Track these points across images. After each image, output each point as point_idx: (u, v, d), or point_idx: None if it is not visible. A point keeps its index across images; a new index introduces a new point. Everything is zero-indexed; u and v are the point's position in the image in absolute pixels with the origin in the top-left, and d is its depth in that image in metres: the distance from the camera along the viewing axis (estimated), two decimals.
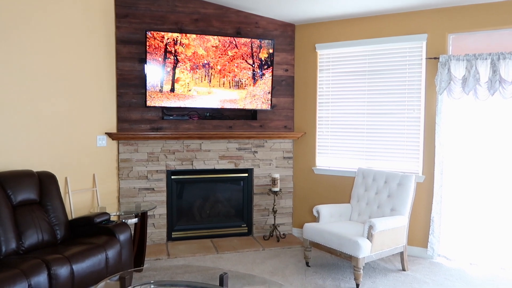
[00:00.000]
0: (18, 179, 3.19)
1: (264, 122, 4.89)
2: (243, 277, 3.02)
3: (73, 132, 3.98)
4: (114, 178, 4.42)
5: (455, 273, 3.77)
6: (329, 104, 4.76)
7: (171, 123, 4.58)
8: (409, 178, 3.86)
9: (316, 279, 3.62)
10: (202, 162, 4.70)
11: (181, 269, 3.52)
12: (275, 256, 4.24)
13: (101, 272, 2.97)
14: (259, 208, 4.92)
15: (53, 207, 3.32)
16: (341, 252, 3.53)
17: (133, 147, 4.46)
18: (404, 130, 4.32)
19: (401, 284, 3.51)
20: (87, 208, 4.09)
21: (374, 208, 4.01)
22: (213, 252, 4.31)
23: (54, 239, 3.20)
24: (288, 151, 4.98)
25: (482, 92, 3.81)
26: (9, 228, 2.93)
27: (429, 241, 4.14)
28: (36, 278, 2.53)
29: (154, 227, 4.58)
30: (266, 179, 4.92)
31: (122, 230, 3.27)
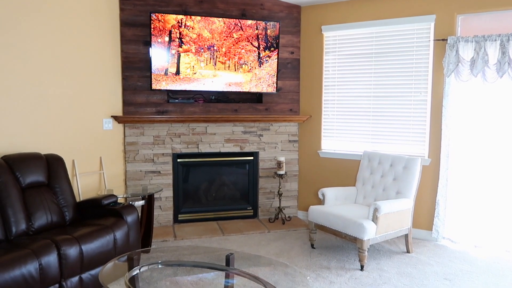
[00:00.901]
0: (26, 161, 3.23)
1: (270, 106, 4.87)
2: (249, 257, 3.06)
3: (79, 115, 4.00)
4: (121, 161, 4.45)
5: (459, 255, 3.79)
6: (335, 87, 4.73)
7: (177, 107, 4.58)
8: (415, 161, 3.85)
9: (321, 261, 3.66)
10: (207, 146, 4.72)
11: (188, 250, 3.57)
12: (281, 238, 4.28)
13: (109, 252, 3.02)
14: (264, 191, 4.95)
15: (61, 189, 3.36)
16: (346, 234, 3.56)
17: (139, 130, 4.47)
18: (411, 113, 4.29)
19: (406, 266, 3.54)
20: (94, 191, 4.14)
21: (379, 191, 4.02)
22: (219, 234, 4.36)
23: (62, 220, 3.26)
24: (294, 134, 4.97)
25: (491, 74, 3.76)
26: (18, 210, 2.98)
27: (434, 224, 4.16)
28: (46, 258, 2.58)
29: (160, 209, 4.63)
30: (272, 162, 4.93)
31: (129, 212, 3.31)
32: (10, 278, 2.35)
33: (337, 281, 3.23)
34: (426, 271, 3.43)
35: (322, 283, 3.19)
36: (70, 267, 2.72)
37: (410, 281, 3.23)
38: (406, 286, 3.15)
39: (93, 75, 4.10)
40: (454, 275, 3.36)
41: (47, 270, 2.57)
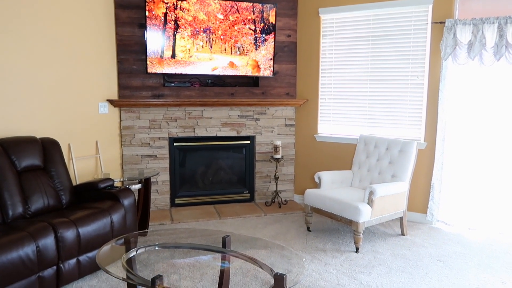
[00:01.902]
0: (22, 145, 3.21)
1: (266, 89, 4.85)
2: (245, 240, 3.09)
3: (74, 98, 3.97)
4: (117, 145, 4.44)
5: (453, 237, 3.84)
6: (332, 71, 4.70)
7: (173, 90, 4.55)
8: (410, 145, 3.87)
9: (317, 243, 3.70)
10: (204, 130, 4.71)
11: (185, 233, 3.60)
12: (277, 222, 4.31)
13: (106, 235, 3.03)
14: (261, 175, 4.97)
15: (57, 172, 3.36)
16: (342, 217, 3.59)
17: (135, 114, 4.45)
18: (407, 96, 4.29)
19: (400, 248, 3.59)
20: (91, 175, 4.14)
21: (375, 175, 4.04)
22: (215, 218, 4.39)
23: (59, 203, 3.26)
24: (290, 118, 4.96)
25: (488, 57, 3.75)
26: (15, 193, 2.98)
27: (428, 207, 4.19)
28: (43, 240, 2.59)
29: (157, 193, 4.65)
30: (268, 146, 4.94)
31: (126, 195, 3.32)
32: (7, 260, 2.37)
33: (332, 263, 3.27)
34: (420, 253, 3.47)
35: (318, 265, 3.23)
36: (67, 249, 2.74)
37: (404, 263, 3.28)
38: (400, 267, 3.20)
39: (87, 58, 4.06)
40: (448, 256, 3.41)
41: (44, 252, 2.58)
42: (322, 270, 3.14)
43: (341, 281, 2.97)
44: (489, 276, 3.05)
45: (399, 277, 3.02)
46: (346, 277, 3.03)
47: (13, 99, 3.46)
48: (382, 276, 3.05)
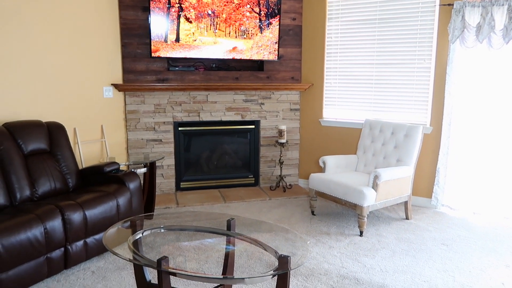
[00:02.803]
0: (28, 129, 3.23)
1: (271, 73, 4.82)
2: (250, 223, 3.11)
3: (79, 83, 3.97)
4: (122, 130, 4.46)
5: (457, 221, 3.85)
6: (338, 55, 4.65)
7: (177, 74, 4.53)
8: (416, 129, 3.84)
9: (321, 227, 3.72)
10: (208, 114, 4.70)
11: (190, 216, 3.62)
12: (281, 206, 4.34)
13: (112, 218, 3.07)
14: (265, 160, 4.98)
15: (63, 156, 3.38)
16: (346, 201, 3.60)
17: (140, 98, 4.45)
18: (414, 80, 4.24)
19: (404, 232, 3.60)
20: (96, 159, 4.17)
21: (380, 159, 4.03)
22: (220, 202, 4.42)
23: (66, 187, 3.29)
24: (295, 102, 4.94)
25: (497, 40, 3.69)
26: (22, 176, 3.01)
27: (433, 192, 4.19)
28: (51, 222, 2.63)
29: (163, 177, 4.68)
30: (273, 131, 4.93)
31: (131, 178, 3.35)
32: (16, 241, 2.41)
33: (336, 246, 3.30)
34: (424, 237, 3.49)
35: (322, 248, 3.26)
36: (74, 231, 2.78)
37: (408, 246, 3.30)
38: (404, 250, 3.22)
39: (91, 42, 4.04)
40: (452, 240, 3.42)
41: (52, 234, 2.62)
42: (326, 253, 3.16)
43: (345, 264, 2.99)
44: (493, 259, 3.06)
45: (402, 260, 3.04)
46: (350, 260, 3.05)
47: (18, 84, 3.46)
48: (386, 259, 3.07)
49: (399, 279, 2.76)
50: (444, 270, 2.89)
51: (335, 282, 2.72)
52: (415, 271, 2.88)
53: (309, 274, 2.84)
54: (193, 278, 2.02)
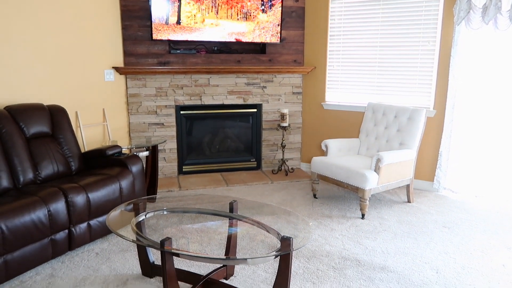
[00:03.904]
0: (29, 112, 3.22)
1: (273, 56, 4.77)
2: (252, 206, 3.12)
3: (80, 66, 3.94)
4: (124, 113, 4.45)
5: (459, 204, 3.86)
6: (341, 37, 4.59)
7: (179, 57, 4.49)
8: (419, 112, 3.82)
9: (323, 210, 3.74)
10: (210, 97, 4.68)
11: (193, 199, 3.64)
12: (283, 189, 4.35)
13: (115, 201, 3.09)
14: (268, 143, 4.97)
15: (65, 139, 3.38)
16: (348, 184, 3.60)
17: (141, 81, 4.43)
18: (418, 63, 4.19)
19: (406, 215, 3.62)
20: (98, 142, 4.17)
21: (382, 143, 4.02)
22: (223, 185, 4.44)
23: (69, 170, 3.30)
24: (298, 86, 4.91)
25: (503, 21, 3.63)
26: (25, 159, 3.02)
27: (435, 175, 4.19)
28: (54, 205, 2.64)
29: (165, 161, 4.69)
30: (275, 115, 4.91)
31: (134, 162, 3.35)
32: (20, 223, 2.42)
33: (338, 229, 3.32)
34: (425, 220, 3.50)
35: (324, 230, 3.28)
36: (78, 214, 2.79)
37: (410, 229, 3.31)
38: (406, 233, 3.23)
39: (92, 24, 3.99)
40: (453, 223, 3.43)
41: (55, 216, 2.64)
42: (328, 236, 3.18)
43: (346, 246, 3.01)
44: (494, 241, 3.08)
45: (404, 242, 3.06)
46: (352, 242, 3.07)
47: (19, 67, 3.44)
48: (387, 241, 3.09)
49: (400, 261, 2.78)
50: (445, 252, 2.90)
51: (337, 263, 2.75)
52: (416, 253, 2.90)
53: (311, 255, 2.86)
54: (196, 259, 2.04)
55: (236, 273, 2.62)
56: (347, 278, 2.56)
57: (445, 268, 2.68)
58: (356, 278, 2.56)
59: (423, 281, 2.52)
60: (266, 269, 2.68)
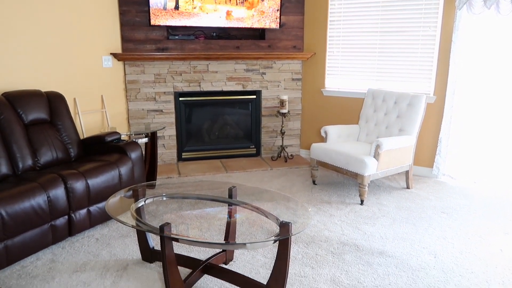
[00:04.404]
0: (27, 98, 3.20)
1: (273, 42, 4.73)
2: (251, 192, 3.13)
3: (77, 52, 3.91)
4: (123, 100, 4.42)
5: (458, 190, 3.87)
6: (341, 23, 4.54)
7: (177, 43, 4.45)
8: (419, 98, 3.80)
9: (322, 196, 3.75)
10: (209, 84, 4.65)
11: (192, 186, 3.65)
12: (283, 175, 4.36)
13: (115, 187, 3.09)
14: (267, 130, 4.96)
15: (64, 126, 3.37)
16: (347, 170, 3.61)
17: (140, 68, 4.39)
18: (418, 49, 4.16)
19: (405, 200, 3.63)
20: (97, 129, 4.16)
21: (382, 129, 4.01)
22: (222, 172, 4.44)
23: (68, 156, 3.30)
24: (297, 72, 4.87)
25: (505, 5, 3.58)
26: (23, 146, 3.01)
27: (435, 161, 4.19)
28: (54, 191, 2.64)
29: (164, 147, 4.68)
30: (275, 101, 4.89)
31: (133, 148, 3.35)
32: (20, 209, 2.43)
33: (337, 214, 3.33)
34: (424, 205, 3.51)
35: (323, 216, 3.29)
36: (77, 200, 2.80)
37: (408, 214, 3.33)
38: (404, 218, 3.25)
39: (89, 10, 3.95)
40: (452, 208, 3.44)
41: (55, 202, 2.64)
42: (327, 221, 3.20)
43: (345, 231, 3.03)
44: (492, 227, 3.09)
45: (402, 228, 3.08)
46: (351, 227, 3.09)
47: (16, 53, 3.41)
48: (386, 226, 3.10)
49: (398, 246, 2.79)
50: (444, 237, 2.92)
51: (336, 248, 2.76)
52: (414, 238, 2.91)
53: (310, 241, 2.88)
54: (196, 244, 2.05)
55: (236, 258, 2.64)
56: (346, 263, 2.58)
57: (443, 253, 2.69)
58: (355, 263, 2.58)
59: (421, 265, 2.54)
60: (265, 254, 2.70)
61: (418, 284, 2.34)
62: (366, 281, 2.37)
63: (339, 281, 2.37)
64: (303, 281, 2.37)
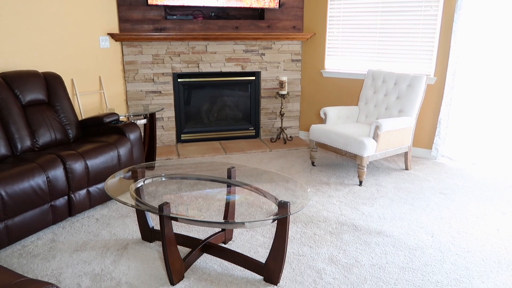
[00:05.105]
0: (24, 79, 3.18)
1: (272, 22, 4.67)
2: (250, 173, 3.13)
3: (74, 32, 3.85)
4: (121, 81, 4.39)
5: (457, 172, 3.88)
6: (341, 2, 4.47)
7: (175, 23, 4.39)
8: (419, 79, 3.77)
9: (321, 177, 3.76)
10: (208, 65, 4.61)
11: (191, 167, 3.65)
12: (282, 157, 4.36)
13: (114, 168, 3.09)
14: (266, 112, 4.94)
15: (62, 107, 3.35)
16: (346, 151, 3.61)
17: (137, 48, 4.34)
18: (419, 29, 4.11)
19: (403, 182, 3.64)
20: (95, 110, 4.14)
21: (382, 110, 4.00)
22: (221, 153, 4.44)
23: (66, 137, 3.29)
24: (297, 53, 4.82)
25: None
26: (21, 127, 3.00)
27: (434, 143, 4.19)
28: (53, 171, 2.65)
29: (163, 129, 4.67)
30: (274, 82, 4.85)
31: (132, 129, 3.34)
32: (19, 189, 2.44)
33: (336, 195, 3.35)
34: (422, 186, 3.53)
35: (321, 197, 3.31)
36: (77, 180, 2.81)
37: (406, 195, 3.34)
38: (402, 199, 3.27)
39: None
40: (450, 189, 3.46)
41: (54, 182, 2.65)
42: (326, 202, 3.22)
43: (344, 211, 3.05)
44: (489, 207, 3.12)
45: (400, 208, 3.10)
46: (349, 208, 3.11)
47: (12, 33, 3.36)
48: (384, 207, 3.12)
49: (396, 226, 2.82)
50: (441, 218, 2.94)
51: (334, 228, 2.79)
52: (412, 218, 2.94)
53: (309, 221, 2.90)
54: (194, 223, 2.06)
55: (235, 238, 2.67)
56: (344, 242, 2.60)
57: (440, 233, 2.72)
58: (353, 242, 2.60)
59: (418, 244, 2.57)
60: (264, 234, 2.72)
61: (414, 262, 2.37)
62: (363, 259, 2.40)
63: (337, 259, 2.40)
64: (301, 259, 2.40)
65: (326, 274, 2.25)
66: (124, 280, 2.19)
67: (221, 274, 2.25)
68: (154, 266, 2.33)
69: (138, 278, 2.21)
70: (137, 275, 2.24)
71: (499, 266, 2.33)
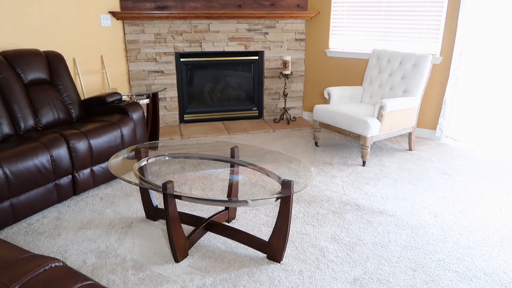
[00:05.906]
0: (26, 57, 3.15)
1: (276, 1, 4.58)
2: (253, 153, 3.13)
3: (75, 11, 3.80)
4: (123, 60, 4.35)
5: (461, 152, 3.86)
6: None
7: (177, 2, 4.32)
8: (425, 59, 3.72)
9: (324, 157, 3.76)
10: (211, 44, 4.55)
11: (195, 147, 3.65)
12: (285, 137, 4.35)
13: (117, 147, 3.10)
14: (269, 92, 4.91)
15: (64, 86, 3.34)
16: (350, 131, 3.59)
17: (139, 27, 4.29)
18: (426, 7, 4.02)
19: (407, 162, 3.63)
20: (98, 90, 4.12)
21: (386, 90, 3.96)
22: (224, 133, 4.44)
23: (69, 117, 3.29)
24: (301, 32, 4.75)
25: None
26: (24, 106, 2.99)
27: (438, 123, 4.16)
28: (56, 150, 2.65)
29: (166, 109, 4.65)
30: (277, 62, 4.80)
31: (134, 109, 3.32)
32: (24, 167, 2.45)
33: (339, 175, 3.35)
34: (426, 167, 3.52)
35: (325, 177, 3.31)
36: (80, 159, 2.81)
37: (410, 175, 3.34)
38: (406, 179, 3.26)
39: None
40: (454, 170, 3.45)
41: (58, 162, 2.66)
42: (329, 182, 3.22)
43: (347, 191, 3.05)
44: (493, 187, 3.11)
45: (403, 188, 3.10)
46: (352, 188, 3.11)
47: (12, 11, 3.32)
48: (387, 187, 3.13)
49: (399, 205, 2.82)
50: (444, 198, 2.95)
51: (337, 208, 2.80)
52: (415, 198, 2.94)
53: (312, 200, 2.91)
54: (198, 201, 2.07)
55: (238, 217, 2.68)
56: (346, 221, 2.61)
57: (443, 212, 2.73)
58: (355, 221, 2.61)
59: (421, 224, 2.58)
60: (267, 213, 2.74)
61: (417, 241, 2.38)
62: (366, 238, 2.41)
63: (339, 238, 2.42)
64: (304, 238, 2.42)
65: (328, 252, 2.27)
66: (129, 257, 2.21)
67: (225, 252, 2.27)
68: (158, 243, 2.35)
69: (143, 256, 2.23)
70: (142, 252, 2.26)
71: (501, 245, 2.34)
